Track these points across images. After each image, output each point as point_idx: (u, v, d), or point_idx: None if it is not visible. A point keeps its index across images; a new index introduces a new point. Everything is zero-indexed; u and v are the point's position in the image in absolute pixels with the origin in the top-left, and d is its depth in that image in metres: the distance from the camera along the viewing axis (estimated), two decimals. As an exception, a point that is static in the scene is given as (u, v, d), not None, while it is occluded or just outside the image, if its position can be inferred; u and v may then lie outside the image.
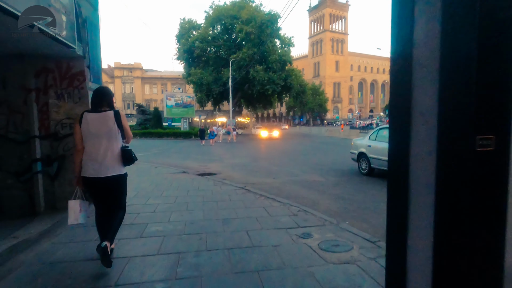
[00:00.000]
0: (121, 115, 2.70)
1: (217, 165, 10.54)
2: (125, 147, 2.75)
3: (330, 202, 5.32)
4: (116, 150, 2.66)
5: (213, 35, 38.70)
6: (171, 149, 18.33)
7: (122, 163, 2.72)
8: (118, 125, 2.63)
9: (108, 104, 2.70)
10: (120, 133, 2.67)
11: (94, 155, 2.57)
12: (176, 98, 35.57)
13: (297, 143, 21.98)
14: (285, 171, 8.87)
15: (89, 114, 2.60)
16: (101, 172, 2.57)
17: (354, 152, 8.31)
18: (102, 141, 2.57)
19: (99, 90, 2.80)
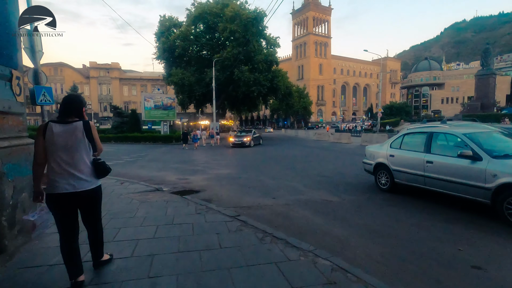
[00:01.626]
0: (92, 126, 2.53)
1: (200, 178, 8.72)
2: (97, 159, 2.60)
3: (365, 242, 3.69)
4: (88, 163, 2.51)
5: (195, 33, 36.73)
6: (148, 156, 16.24)
7: (95, 176, 2.56)
8: (88, 137, 2.48)
9: (78, 114, 2.52)
10: (91, 145, 2.52)
11: (63, 170, 2.38)
12: (156, 100, 33.20)
13: (288, 148, 20.45)
14: (285, 186, 7.21)
15: (55, 125, 2.39)
16: (79, 186, 2.42)
17: (369, 163, 6.78)
18: (71, 154, 2.40)
19: (68, 98, 2.57)
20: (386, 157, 6.21)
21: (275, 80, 33.74)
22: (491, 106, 44.64)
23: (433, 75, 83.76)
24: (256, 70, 31.95)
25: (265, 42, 35.52)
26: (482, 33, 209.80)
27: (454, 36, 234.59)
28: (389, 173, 6.17)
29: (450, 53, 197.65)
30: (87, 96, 70.31)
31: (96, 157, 2.62)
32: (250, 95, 33.24)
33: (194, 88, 33.72)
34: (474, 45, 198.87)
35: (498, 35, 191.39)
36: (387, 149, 6.26)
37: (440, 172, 4.99)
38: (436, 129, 5.60)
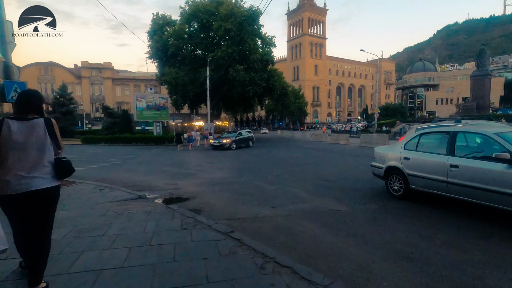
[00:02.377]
0: (53, 123, 2.43)
1: (191, 182, 7.91)
2: (62, 158, 2.49)
3: (391, 268, 2.94)
4: (48, 162, 2.37)
5: (189, 32, 35.86)
6: (138, 157, 15.34)
7: (56, 176, 2.42)
8: (51, 135, 2.37)
9: (37, 111, 2.41)
10: (53, 143, 2.41)
11: (19, 169, 2.23)
12: (148, 100, 32.20)
13: (285, 149, 19.71)
14: (284, 193, 6.44)
15: (13, 121, 2.26)
16: (31, 185, 2.24)
17: (379, 166, 6.06)
18: (30, 152, 2.28)
19: (25, 94, 2.46)
20: (400, 160, 5.49)
21: (271, 80, 33.06)
22: (486, 107, 44.61)
23: (427, 76, 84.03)
24: (252, 69, 31.21)
25: (260, 42, 34.82)
26: (474, 35, 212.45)
27: (446, 39, 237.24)
28: (403, 178, 5.45)
29: (442, 55, 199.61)
30: (79, 96, 68.79)
31: (60, 156, 2.50)
32: (245, 95, 32.49)
33: (188, 88, 32.84)
34: (466, 47, 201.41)
35: (489, 37, 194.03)
36: (401, 151, 5.54)
37: (468, 178, 4.27)
38: (459, 128, 4.90)
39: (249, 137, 23.11)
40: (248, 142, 22.65)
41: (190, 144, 22.62)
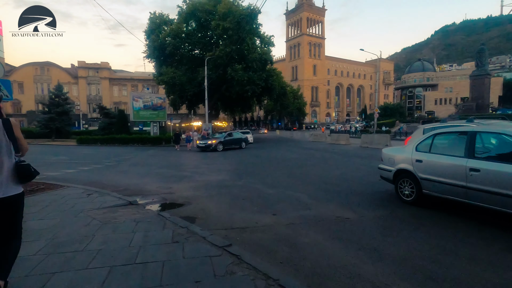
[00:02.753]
0: (13, 124, 2.28)
1: (186, 186, 7.46)
2: (21, 161, 2.31)
3: (415, 292, 2.51)
4: (10, 166, 2.23)
5: (187, 31, 35.34)
6: (133, 159, 14.86)
7: (17, 181, 2.27)
8: (10, 137, 2.24)
9: None
10: (13, 145, 2.26)
11: None
12: (145, 99, 31.68)
13: (284, 150, 19.28)
14: (286, 197, 6.01)
15: None
16: None
17: (387, 169, 5.63)
18: None
19: None
20: (411, 162, 5.07)
21: (270, 79, 32.64)
22: (486, 107, 44.41)
23: (426, 76, 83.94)
24: (250, 69, 30.78)
25: (259, 41, 34.41)
26: (471, 36, 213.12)
27: (444, 39, 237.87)
28: (415, 182, 5.03)
29: (440, 55, 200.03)
30: (76, 96, 68.14)
31: (19, 159, 2.35)
32: (244, 95, 32.07)
33: (185, 87, 32.38)
34: (463, 47, 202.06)
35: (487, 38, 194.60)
36: (412, 152, 5.12)
37: (491, 183, 3.86)
38: (479, 128, 4.49)
39: (241, 138, 21.80)
40: (240, 143, 21.24)
41: (188, 144, 22.40)
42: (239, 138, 21.76)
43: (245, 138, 22.44)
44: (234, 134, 22.08)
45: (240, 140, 21.60)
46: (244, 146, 21.36)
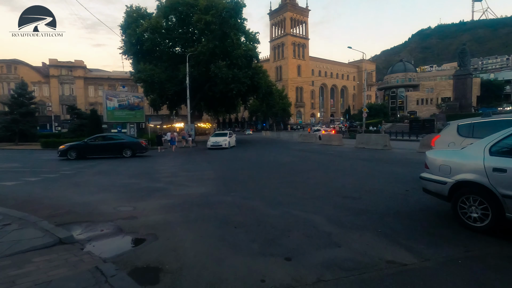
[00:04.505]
0: None
1: (156, 204, 5.54)
2: None
3: None
4: None
5: (167, 26, 32.96)
6: (100, 165, 12.62)
7: None
8: None
9: None
10: None
11: None
12: (120, 99, 29.02)
13: (275, 152, 17.57)
14: (296, 222, 4.24)
15: None
16: None
17: (440, 181, 4.00)
18: None
19: None
20: (483, 172, 3.45)
21: (256, 77, 30.92)
22: (468, 106, 44.90)
23: (408, 77, 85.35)
24: (235, 66, 28.92)
25: (244, 37, 32.64)
26: (445, 39, 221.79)
27: (421, 42, 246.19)
28: (490, 201, 3.42)
29: (418, 57, 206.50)
30: (47, 97, 63.65)
31: None
32: (228, 94, 30.14)
33: (165, 86, 30.04)
34: (439, 50, 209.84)
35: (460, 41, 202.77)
36: (484, 157, 3.50)
37: None
38: None
39: (123, 143, 16.20)
40: (121, 150, 15.51)
41: (173, 146, 21.34)
42: (116, 143, 16.06)
43: (130, 142, 16.41)
44: (112, 137, 17.05)
45: (119, 146, 15.77)
46: (129, 154, 15.66)
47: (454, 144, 6.03)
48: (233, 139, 23.81)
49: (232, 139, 23.53)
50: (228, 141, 21.48)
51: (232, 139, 23.53)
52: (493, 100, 68.84)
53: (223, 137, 22.17)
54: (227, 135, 22.56)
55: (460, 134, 6.01)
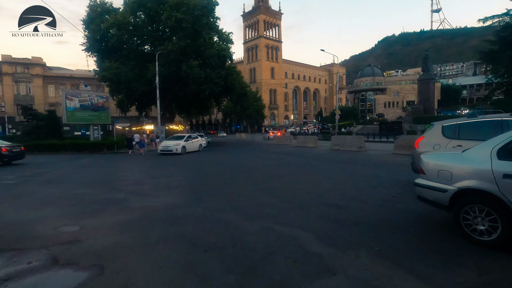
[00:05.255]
0: None
1: (110, 221, 4.59)
2: None
3: None
4: None
5: (135, 23, 31.09)
6: (53, 172, 11.12)
7: None
8: None
9: None
10: None
11: None
12: (82, 98, 26.71)
13: (250, 155, 16.92)
14: (280, 241, 3.56)
15: None
16: None
17: (439, 188, 3.54)
18: None
19: None
20: (491, 178, 3.03)
21: (230, 78, 30.10)
22: (432, 109, 47.46)
23: (376, 81, 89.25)
24: (208, 66, 27.89)
25: (217, 37, 31.73)
26: (408, 47, 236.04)
27: (386, 49, 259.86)
28: (500, 211, 3.00)
29: (383, 63, 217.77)
30: (-1, 96, 57.82)
31: None
32: (200, 95, 29.00)
33: (133, 85, 28.24)
34: (402, 57, 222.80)
35: (421, 49, 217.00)
36: (492, 160, 3.08)
37: None
38: None
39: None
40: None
41: (142, 149, 20.53)
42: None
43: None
44: None
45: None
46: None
47: (439, 146, 5.75)
48: (196, 143, 21.51)
49: (193, 143, 21.02)
50: (183, 145, 18.83)
51: (193, 143, 21.02)
52: (451, 104, 73.79)
53: (177, 141, 19.60)
54: (183, 139, 19.88)
55: (446, 135, 5.74)
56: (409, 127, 35.93)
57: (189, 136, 22.08)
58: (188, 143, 19.97)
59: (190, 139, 20.99)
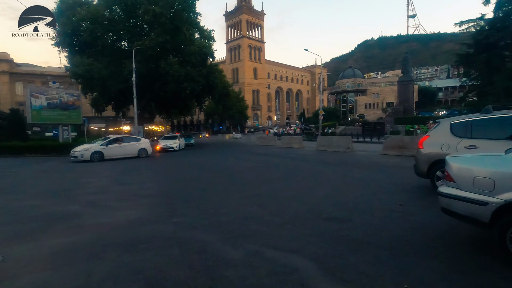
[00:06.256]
0: None
1: (47, 247, 3.48)
2: None
3: None
4: None
5: (110, 17, 29.25)
6: (5, 178, 9.61)
7: None
8: None
9: None
10: None
11: None
12: (50, 96, 24.56)
13: (233, 156, 15.92)
14: (273, 275, 2.64)
15: None
16: None
17: (477, 200, 2.75)
18: None
19: None
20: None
21: (211, 76, 28.95)
22: (411, 110, 48.52)
23: (357, 82, 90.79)
24: (188, 63, 26.64)
25: (198, 34, 30.50)
26: (385, 50, 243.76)
27: (365, 52, 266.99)
28: None
29: (362, 65, 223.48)
30: (-42, 94, 53.25)
31: None
32: (181, 94, 27.64)
33: (108, 83, 26.49)
34: (380, 60, 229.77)
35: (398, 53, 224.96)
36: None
37: None
38: None
39: None
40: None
41: None
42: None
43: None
44: None
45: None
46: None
47: (448, 146, 5.08)
48: None
49: (145, 144, 18.38)
50: (142, 148, 16.85)
51: (145, 144, 18.38)
52: (428, 105, 76.24)
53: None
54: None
55: (455, 134, 5.07)
56: (390, 127, 36.29)
57: (142, 139, 19.98)
58: (141, 143, 17.87)
59: (138, 141, 18.58)
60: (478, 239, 3.32)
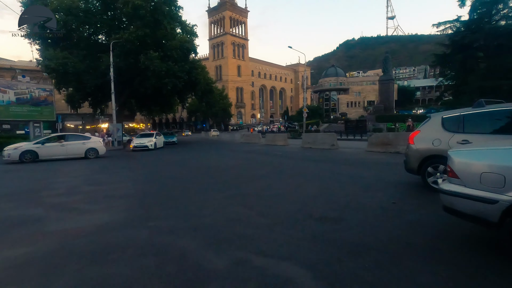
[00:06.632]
0: None
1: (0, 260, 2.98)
2: None
3: None
4: None
5: (86, 9, 27.66)
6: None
7: None
8: None
9: None
10: None
11: None
12: (19, 91, 23.00)
13: (217, 154, 15.44)
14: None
15: None
16: None
17: (485, 198, 2.52)
18: None
19: None
20: None
21: (194, 72, 28.16)
22: (391, 109, 49.75)
23: (339, 81, 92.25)
24: (170, 58, 25.72)
25: (180, 28, 29.56)
26: (366, 50, 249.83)
27: (347, 51, 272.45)
28: None
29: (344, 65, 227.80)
30: None
31: None
32: (162, 91, 26.69)
33: (83, 78, 25.09)
34: (361, 59, 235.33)
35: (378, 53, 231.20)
36: None
37: None
38: None
39: None
40: None
41: None
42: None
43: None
44: None
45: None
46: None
47: (440, 141, 4.93)
48: None
49: None
50: (90, 148, 14.82)
51: None
52: (407, 104, 78.73)
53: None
54: None
55: (447, 128, 4.93)
56: (372, 125, 37.00)
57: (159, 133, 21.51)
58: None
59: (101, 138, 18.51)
60: (481, 239, 3.12)
